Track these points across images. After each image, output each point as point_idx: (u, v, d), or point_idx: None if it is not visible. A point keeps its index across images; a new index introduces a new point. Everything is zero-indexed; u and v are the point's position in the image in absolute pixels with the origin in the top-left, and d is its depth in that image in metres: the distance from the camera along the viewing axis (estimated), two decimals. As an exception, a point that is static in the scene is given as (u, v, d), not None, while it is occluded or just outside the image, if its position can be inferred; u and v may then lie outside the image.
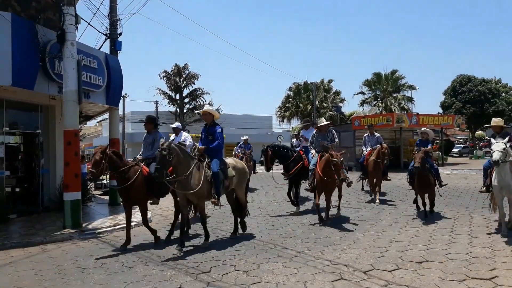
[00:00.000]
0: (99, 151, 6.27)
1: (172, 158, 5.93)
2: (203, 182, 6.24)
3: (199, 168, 6.38)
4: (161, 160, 5.83)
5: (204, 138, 6.89)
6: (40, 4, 10.58)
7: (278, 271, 5.08)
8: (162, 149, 5.86)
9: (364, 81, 41.56)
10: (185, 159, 6.22)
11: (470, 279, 4.56)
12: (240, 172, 7.13)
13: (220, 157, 6.79)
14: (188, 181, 6.17)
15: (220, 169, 6.59)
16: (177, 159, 6.04)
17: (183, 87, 36.32)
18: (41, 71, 9.16)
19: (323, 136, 8.76)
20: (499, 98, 43.47)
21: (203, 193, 6.35)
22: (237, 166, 7.09)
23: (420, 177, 7.91)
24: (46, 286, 4.83)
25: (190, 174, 6.19)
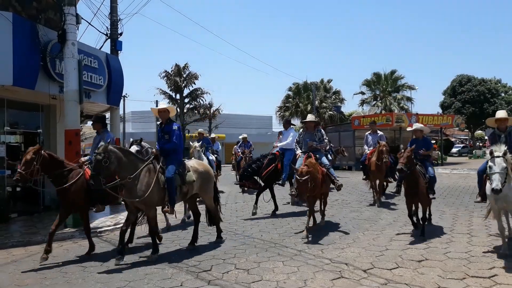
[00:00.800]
0: (31, 151, 5.64)
1: (110, 162, 5.30)
2: (153, 188, 5.59)
3: (149, 172, 5.74)
4: (97, 165, 5.25)
5: (160, 138, 6.26)
6: (41, 4, 10.60)
7: (279, 269, 5.11)
8: (97, 153, 5.31)
9: (363, 81, 41.62)
10: (130, 162, 5.59)
11: (469, 278, 4.59)
12: (203, 175, 6.46)
13: (178, 159, 6.15)
14: (134, 187, 5.55)
15: (178, 173, 5.98)
16: (117, 163, 5.41)
17: (183, 87, 36.27)
18: (42, 71, 9.19)
19: (310, 135, 7.94)
20: (499, 98, 43.54)
21: (152, 200, 5.70)
22: (199, 170, 6.41)
23: (407, 182, 6.57)
24: (48, 284, 4.85)
25: (137, 179, 5.57)
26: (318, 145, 7.79)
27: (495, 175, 4.91)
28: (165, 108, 6.30)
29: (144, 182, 5.62)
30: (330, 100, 39.60)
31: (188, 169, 6.21)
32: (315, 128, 8.00)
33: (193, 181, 6.20)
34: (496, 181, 4.87)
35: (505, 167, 4.94)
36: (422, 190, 6.54)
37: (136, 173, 5.57)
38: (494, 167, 4.97)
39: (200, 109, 37.09)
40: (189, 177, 6.16)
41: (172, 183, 5.84)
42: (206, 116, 37.42)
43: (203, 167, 6.61)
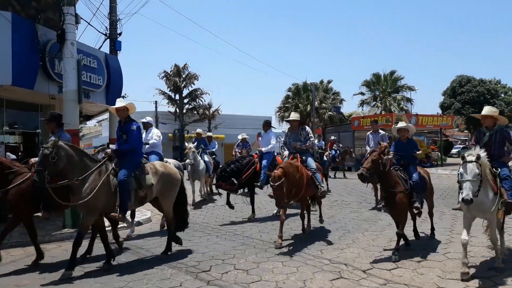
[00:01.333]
0: None
1: (59, 159, 4.89)
2: (97, 191, 5.11)
3: (100, 174, 5.29)
4: (43, 160, 4.82)
5: (119, 138, 5.84)
6: (40, 3, 10.59)
7: (278, 270, 5.10)
8: (45, 147, 4.91)
9: (363, 81, 41.55)
10: (81, 162, 5.17)
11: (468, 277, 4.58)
12: (165, 178, 5.90)
13: (134, 161, 5.67)
14: (81, 189, 5.10)
15: (134, 176, 5.50)
16: (66, 161, 5.01)
17: (183, 87, 36.31)
18: (41, 71, 9.19)
19: (295, 135, 7.40)
20: (498, 99, 43.55)
21: (94, 205, 5.17)
22: (159, 171, 5.87)
23: (385, 191, 5.68)
24: (47, 284, 4.84)
25: (85, 181, 5.12)
26: (302, 145, 7.25)
27: (466, 183, 4.40)
28: (124, 106, 5.81)
29: (92, 185, 5.14)
30: (330, 100, 39.57)
31: (147, 172, 5.71)
32: (300, 127, 7.46)
33: (152, 185, 5.68)
34: (467, 190, 4.35)
35: (477, 173, 4.43)
36: (399, 198, 5.47)
37: (85, 175, 5.12)
38: (465, 174, 4.45)
39: (199, 109, 37.12)
40: (147, 180, 5.64)
41: (125, 186, 5.33)
42: (206, 117, 37.43)
43: (166, 169, 6.05)
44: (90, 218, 5.28)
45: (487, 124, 5.30)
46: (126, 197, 5.36)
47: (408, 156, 6.09)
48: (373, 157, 5.34)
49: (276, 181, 5.85)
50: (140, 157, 5.90)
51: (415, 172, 5.96)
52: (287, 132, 7.73)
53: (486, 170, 4.68)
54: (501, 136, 5.19)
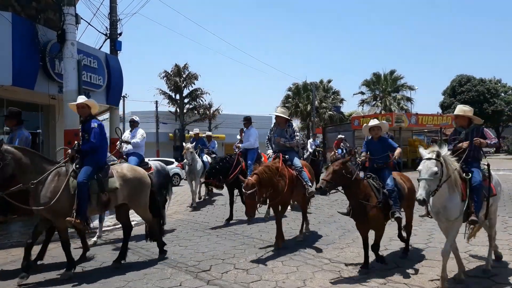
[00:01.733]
0: None
1: (5, 164, 4.60)
2: (61, 194, 4.84)
3: (58, 176, 5.00)
4: None
5: (82, 138, 5.50)
6: (40, 4, 10.61)
7: (278, 269, 5.11)
8: None
9: (363, 81, 41.59)
10: (34, 164, 4.88)
11: (469, 277, 4.60)
12: (132, 183, 5.53)
13: (96, 161, 5.31)
14: (38, 193, 4.82)
15: (96, 178, 5.18)
16: (16, 166, 4.72)
17: (183, 87, 36.30)
18: (42, 71, 9.21)
19: (281, 132, 6.97)
20: (498, 98, 43.51)
21: (61, 209, 4.90)
22: (127, 176, 5.49)
23: (354, 205, 4.93)
24: (47, 284, 4.85)
25: (42, 184, 4.85)
26: (286, 142, 6.82)
27: (422, 182, 4.05)
28: (84, 103, 5.47)
29: (50, 187, 4.87)
30: (330, 100, 39.60)
31: (111, 175, 5.37)
32: (286, 123, 7.02)
33: (116, 189, 5.33)
34: (421, 189, 4.00)
35: (435, 172, 4.04)
36: (373, 213, 4.78)
37: (41, 178, 4.85)
38: (422, 172, 4.10)
39: (200, 109, 37.12)
40: (111, 183, 5.30)
41: (83, 189, 5.00)
42: (206, 116, 37.44)
43: (134, 173, 5.65)
44: (60, 221, 5.00)
45: (461, 124, 4.95)
46: (83, 200, 5.01)
47: (380, 158, 5.30)
48: (334, 167, 4.67)
49: (249, 188, 5.46)
50: (103, 157, 5.55)
51: (390, 177, 5.17)
52: (272, 127, 7.24)
53: (452, 170, 4.25)
54: (477, 134, 4.74)
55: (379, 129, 5.46)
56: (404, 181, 5.52)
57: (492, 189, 4.68)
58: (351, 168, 4.76)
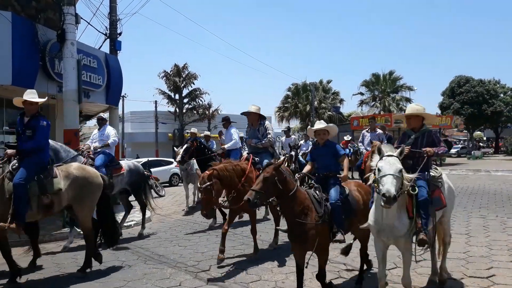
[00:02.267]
0: None
1: None
2: None
3: None
4: None
5: (20, 134, 5.01)
6: (40, 3, 10.61)
7: (277, 269, 5.12)
8: None
9: (362, 81, 41.71)
10: None
11: (467, 278, 4.62)
12: (79, 183, 5.11)
13: (38, 161, 4.92)
14: None
15: (37, 179, 4.78)
16: None
17: (183, 87, 36.32)
18: (41, 71, 9.21)
19: (253, 131, 6.47)
20: (497, 99, 43.59)
21: None
22: (73, 175, 5.09)
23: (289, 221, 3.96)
24: (47, 283, 4.85)
25: None
26: (258, 143, 6.26)
27: (387, 177, 3.37)
28: (36, 101, 5.08)
29: None
30: (329, 100, 39.65)
31: (55, 175, 4.94)
32: (259, 121, 6.43)
33: (60, 190, 4.90)
34: (389, 184, 3.31)
35: (400, 169, 3.48)
36: (312, 232, 3.83)
37: None
38: (385, 168, 3.45)
39: (199, 109, 37.13)
40: (54, 184, 4.87)
41: (20, 191, 4.57)
42: (205, 116, 37.43)
43: (82, 172, 5.20)
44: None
45: (413, 125, 4.33)
46: (22, 204, 4.58)
47: (325, 165, 4.47)
48: (265, 174, 3.81)
49: (203, 183, 5.03)
50: (46, 157, 5.11)
51: (335, 188, 4.23)
52: (247, 128, 6.71)
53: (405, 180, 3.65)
54: (428, 139, 4.18)
55: (326, 133, 4.57)
56: (361, 193, 4.51)
57: (442, 200, 4.11)
58: (286, 175, 3.90)
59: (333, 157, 4.50)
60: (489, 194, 11.74)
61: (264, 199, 3.87)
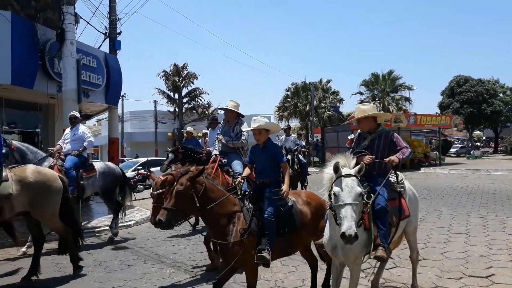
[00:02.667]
0: None
1: None
2: None
3: None
4: None
5: None
6: (40, 3, 10.62)
7: (277, 269, 5.11)
8: None
9: (362, 81, 41.61)
10: None
11: (467, 277, 4.61)
12: (35, 187, 4.77)
13: None
14: None
15: None
16: None
17: (182, 86, 36.28)
18: (41, 70, 9.21)
19: (228, 129, 5.89)
20: (497, 99, 43.60)
21: None
22: (27, 179, 4.73)
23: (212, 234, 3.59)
24: (46, 283, 4.85)
25: None
26: (230, 141, 5.73)
27: (346, 208, 2.89)
28: None
29: None
30: (329, 100, 39.61)
31: (6, 178, 4.60)
32: (236, 119, 5.89)
33: (10, 195, 4.56)
34: (348, 220, 2.84)
35: (360, 193, 3.00)
36: (237, 247, 3.33)
37: None
38: (343, 195, 2.96)
39: (198, 109, 37.10)
40: (3, 189, 4.53)
41: None
42: (205, 116, 37.42)
43: (37, 176, 4.84)
44: None
45: (366, 128, 3.87)
46: None
47: (262, 171, 3.85)
48: (178, 187, 3.28)
49: (156, 189, 4.62)
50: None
51: (270, 201, 3.58)
52: (222, 124, 6.15)
53: None
54: (386, 141, 3.77)
55: (262, 132, 3.84)
56: (310, 205, 3.86)
57: (404, 209, 3.68)
58: (207, 184, 3.40)
59: (273, 162, 3.83)
60: (489, 193, 11.76)
61: (180, 217, 3.38)
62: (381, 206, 3.37)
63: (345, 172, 3.07)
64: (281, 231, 3.57)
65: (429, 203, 10.11)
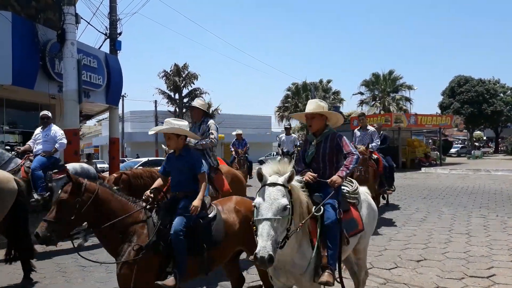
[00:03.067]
0: None
1: None
2: None
3: None
4: None
5: None
6: (40, 3, 10.62)
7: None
8: None
9: (362, 81, 41.66)
10: None
11: (468, 277, 4.61)
12: None
13: None
14: None
15: None
16: None
17: (182, 86, 36.35)
18: (41, 70, 9.22)
19: (193, 129, 5.45)
20: (497, 99, 43.58)
21: None
22: None
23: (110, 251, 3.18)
24: (47, 283, 4.86)
25: None
26: (197, 143, 5.25)
27: (263, 225, 2.40)
28: None
29: None
30: (329, 100, 39.65)
31: None
32: (203, 118, 5.52)
33: None
34: (263, 239, 2.35)
35: (284, 206, 2.49)
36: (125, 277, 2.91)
37: None
38: (262, 208, 2.48)
39: (199, 109, 37.10)
40: None
41: None
42: (205, 116, 37.43)
43: None
44: None
45: (316, 127, 3.41)
46: None
47: (177, 182, 3.40)
48: (62, 195, 2.86)
49: None
50: None
51: (180, 218, 3.11)
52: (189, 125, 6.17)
53: (300, 204, 2.77)
54: (332, 144, 3.29)
55: (172, 138, 3.33)
56: (240, 214, 3.42)
57: (357, 222, 3.27)
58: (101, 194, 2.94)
59: (189, 172, 3.35)
60: (489, 193, 11.75)
61: (64, 231, 2.90)
62: (331, 221, 2.89)
63: (271, 180, 2.61)
64: (198, 248, 3.13)
65: (430, 203, 10.11)
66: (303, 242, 2.81)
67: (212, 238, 3.22)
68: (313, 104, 3.54)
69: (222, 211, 3.41)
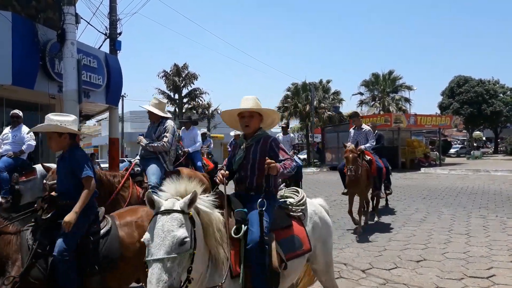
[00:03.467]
0: None
1: None
2: None
3: None
4: None
5: None
6: (40, 3, 10.62)
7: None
8: None
9: (362, 81, 41.63)
10: None
11: (467, 278, 4.62)
12: None
13: None
14: None
15: None
16: None
17: (182, 87, 36.33)
18: (41, 70, 9.22)
19: (150, 130, 5.22)
20: (497, 99, 43.60)
21: None
22: None
23: None
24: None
25: None
26: (149, 144, 4.91)
27: (154, 267, 1.86)
28: None
29: None
30: (329, 100, 39.62)
31: None
32: (160, 119, 5.14)
33: None
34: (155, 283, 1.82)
35: (180, 240, 1.93)
36: None
37: None
38: (154, 245, 1.92)
39: (198, 109, 37.13)
40: None
41: None
42: (205, 116, 37.44)
43: None
44: None
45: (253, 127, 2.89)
46: None
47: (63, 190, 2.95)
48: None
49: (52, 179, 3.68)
50: None
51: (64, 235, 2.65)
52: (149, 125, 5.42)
53: (217, 228, 2.23)
54: (264, 149, 2.78)
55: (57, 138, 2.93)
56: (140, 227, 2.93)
57: (301, 241, 2.72)
58: None
59: (74, 177, 2.88)
60: (489, 194, 11.76)
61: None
62: (255, 242, 2.36)
63: (165, 207, 2.01)
64: (89, 270, 2.67)
65: (430, 204, 10.12)
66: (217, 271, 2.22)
67: (104, 258, 2.74)
68: (252, 100, 2.87)
69: (119, 226, 2.89)
